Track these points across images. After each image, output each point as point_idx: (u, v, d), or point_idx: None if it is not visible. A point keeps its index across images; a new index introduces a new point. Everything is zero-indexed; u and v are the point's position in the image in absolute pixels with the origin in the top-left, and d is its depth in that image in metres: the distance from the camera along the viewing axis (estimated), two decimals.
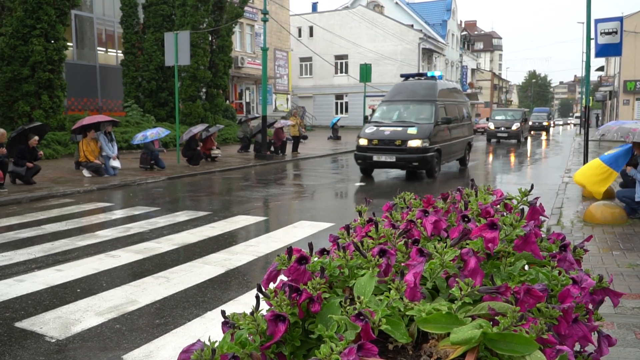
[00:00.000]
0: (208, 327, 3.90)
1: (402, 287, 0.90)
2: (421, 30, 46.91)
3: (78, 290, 4.73)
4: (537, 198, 1.29)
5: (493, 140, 30.28)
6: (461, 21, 71.05)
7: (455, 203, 1.44)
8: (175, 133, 17.15)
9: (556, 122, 73.87)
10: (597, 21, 11.11)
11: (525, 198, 1.27)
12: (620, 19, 11.08)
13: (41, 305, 4.35)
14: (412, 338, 0.85)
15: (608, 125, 8.21)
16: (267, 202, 9.76)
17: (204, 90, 23.93)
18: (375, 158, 12.60)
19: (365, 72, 26.08)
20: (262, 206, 9.38)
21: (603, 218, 6.94)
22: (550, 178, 13.17)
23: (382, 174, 14.55)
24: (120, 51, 23.94)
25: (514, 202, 1.38)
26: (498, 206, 1.43)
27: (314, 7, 49.77)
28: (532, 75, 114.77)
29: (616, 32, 10.78)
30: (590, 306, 1.07)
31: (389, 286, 0.92)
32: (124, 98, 22.83)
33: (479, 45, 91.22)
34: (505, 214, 1.35)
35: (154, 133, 14.09)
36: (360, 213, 1.37)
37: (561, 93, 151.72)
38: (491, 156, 21.03)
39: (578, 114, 66.00)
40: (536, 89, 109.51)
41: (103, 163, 12.50)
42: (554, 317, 0.87)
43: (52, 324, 3.94)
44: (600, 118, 52.97)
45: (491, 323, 0.82)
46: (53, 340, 3.66)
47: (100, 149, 12.57)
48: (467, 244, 1.06)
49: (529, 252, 1.08)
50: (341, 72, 44.88)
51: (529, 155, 22.01)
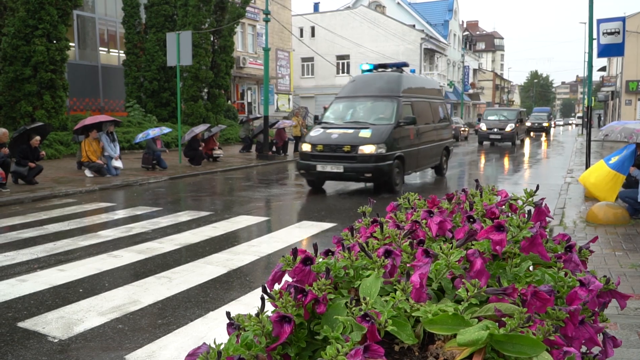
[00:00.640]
0: (210, 327, 3.90)
1: (408, 288, 0.89)
2: (423, 30, 46.90)
3: (80, 290, 4.74)
4: (543, 199, 1.28)
5: (486, 142, 27.91)
6: (463, 21, 71.05)
7: (460, 203, 1.43)
8: (177, 133, 17.17)
9: (557, 123, 73.03)
10: (600, 21, 11.08)
11: (530, 199, 1.26)
12: (622, 19, 11.05)
13: (44, 305, 4.35)
14: (419, 339, 0.85)
15: (612, 125, 8.20)
16: (269, 202, 9.76)
17: (206, 90, 23.95)
18: (319, 168, 10.09)
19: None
20: (264, 206, 9.38)
21: (606, 218, 6.93)
22: (552, 178, 13.15)
23: None
24: (122, 51, 23.96)
25: (519, 203, 1.38)
26: (503, 207, 1.43)
27: (316, 8, 49.77)
28: (534, 75, 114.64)
29: (619, 32, 10.76)
30: (595, 308, 1.06)
31: (395, 287, 0.92)
32: (126, 98, 22.85)
33: (481, 45, 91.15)
34: (510, 215, 1.35)
35: (156, 130, 14.17)
36: (364, 214, 1.37)
37: (563, 93, 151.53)
38: (479, 161, 19.39)
39: (580, 114, 65.80)
40: (538, 89, 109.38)
41: (105, 163, 12.52)
42: (561, 319, 0.86)
43: (55, 324, 3.94)
44: (602, 118, 52.88)
45: (498, 324, 0.82)
46: (55, 340, 3.67)
47: (102, 149, 12.58)
48: (473, 245, 1.05)
49: (535, 254, 1.08)
50: (343, 73, 44.87)
51: (523, 160, 19.27)
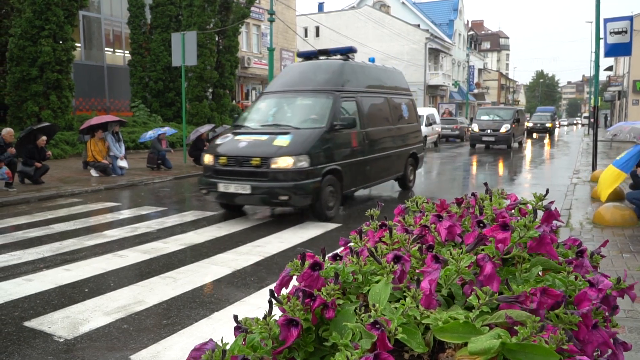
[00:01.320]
0: (215, 328, 3.90)
1: (419, 295, 0.88)
2: (428, 30, 46.80)
3: (86, 290, 4.75)
4: (552, 202, 1.27)
5: (479, 145, 24.89)
6: (468, 21, 70.85)
7: (469, 207, 1.42)
8: (182, 133, 17.19)
9: (561, 123, 71.63)
10: (607, 20, 11.02)
11: (540, 202, 1.25)
12: (630, 18, 10.99)
13: (50, 304, 4.36)
14: (429, 347, 0.84)
15: (620, 125, 8.16)
16: None
17: (211, 90, 23.98)
18: (221, 187, 7.51)
19: None
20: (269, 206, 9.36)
21: (613, 220, 6.88)
22: (558, 179, 13.09)
23: None
24: (127, 51, 24.05)
25: (529, 207, 1.36)
26: (513, 211, 1.41)
27: (320, 7, 49.75)
28: (540, 75, 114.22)
29: (626, 32, 10.69)
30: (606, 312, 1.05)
31: (405, 294, 0.90)
32: (131, 98, 22.92)
33: (486, 45, 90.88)
34: (519, 219, 1.34)
35: (166, 128, 14.29)
36: (372, 217, 1.36)
37: (569, 93, 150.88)
38: (461, 166, 17.42)
39: (586, 114, 65.32)
40: (544, 89, 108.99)
41: (110, 163, 12.55)
42: (574, 323, 0.85)
43: (61, 324, 3.95)
44: (609, 118, 52.57)
45: (509, 332, 0.80)
46: (61, 339, 3.67)
47: (107, 149, 12.61)
48: (483, 250, 1.04)
49: (545, 256, 1.06)
50: None
51: (518, 164, 17.61)
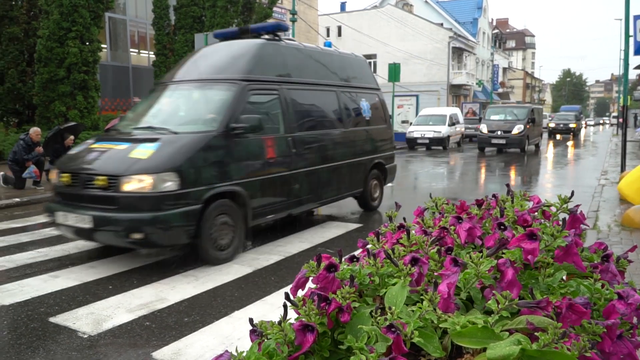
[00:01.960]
0: (235, 327, 3.92)
1: (436, 299, 0.86)
2: (451, 28, 46.31)
3: (110, 287, 4.82)
4: (578, 205, 1.23)
5: (488, 149, 21.81)
6: (492, 19, 69.93)
7: (490, 209, 1.39)
8: None
9: (588, 123, 68.94)
10: (637, 17, 10.75)
11: (565, 205, 1.21)
12: None
13: (74, 301, 4.44)
14: (446, 352, 0.82)
15: None
16: None
17: None
18: (60, 218, 5.45)
19: (393, 72, 25.91)
20: None
21: None
22: (585, 180, 12.81)
23: (419, 167, 14.31)
24: (152, 52, 24.38)
25: (553, 210, 1.32)
26: (536, 213, 1.38)
27: (343, 7, 49.68)
28: (567, 73, 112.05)
29: None
30: (634, 320, 1.01)
31: (422, 297, 0.89)
32: None
33: (511, 43, 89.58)
34: (543, 222, 1.30)
35: None
36: (390, 218, 1.34)
37: (597, 92, 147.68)
38: (458, 174, 15.86)
39: (615, 114, 63.68)
40: (571, 88, 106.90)
41: None
42: (598, 334, 0.82)
43: (85, 320, 4.02)
44: (638, 118, 51.24)
45: (530, 338, 0.78)
46: (85, 336, 3.73)
47: None
48: (504, 254, 1.01)
49: (570, 263, 1.03)
50: None
51: (538, 169, 15.90)
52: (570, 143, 29.73)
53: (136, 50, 24.81)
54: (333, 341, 0.87)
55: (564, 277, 1.09)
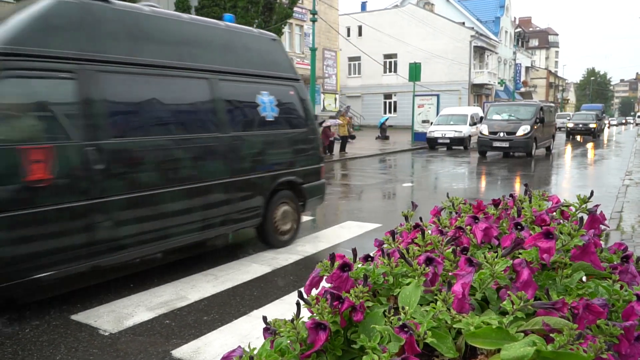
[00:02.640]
0: (254, 325, 3.94)
1: (449, 299, 0.85)
2: (473, 27, 45.87)
3: (131, 285, 4.89)
4: (597, 205, 1.21)
5: (490, 153, 19.51)
6: (515, 18, 69.06)
7: (507, 209, 1.37)
8: None
9: (611, 123, 66.21)
10: None
11: (584, 205, 1.19)
12: None
13: (96, 298, 4.52)
14: (460, 353, 0.81)
15: None
16: None
17: None
18: None
19: (414, 71, 25.76)
20: None
21: None
22: (609, 180, 12.56)
23: (439, 167, 14.23)
24: None
25: (572, 210, 1.30)
26: (554, 214, 1.35)
27: (363, 7, 49.59)
28: (591, 72, 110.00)
29: None
30: None
31: (436, 297, 0.88)
32: None
33: (534, 42, 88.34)
34: (562, 222, 1.28)
35: None
36: (406, 217, 1.33)
37: (622, 91, 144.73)
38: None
39: None
40: (595, 87, 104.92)
41: None
42: (615, 335, 0.80)
43: (106, 317, 4.09)
44: None
45: (545, 340, 0.77)
46: (106, 333, 3.80)
47: None
48: (520, 254, 1.00)
49: (588, 263, 1.01)
50: (390, 72, 44.54)
51: (559, 169, 15.00)
52: (590, 145, 27.16)
53: None
54: (346, 340, 0.87)
55: (584, 279, 1.07)
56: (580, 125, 33.21)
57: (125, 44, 4.79)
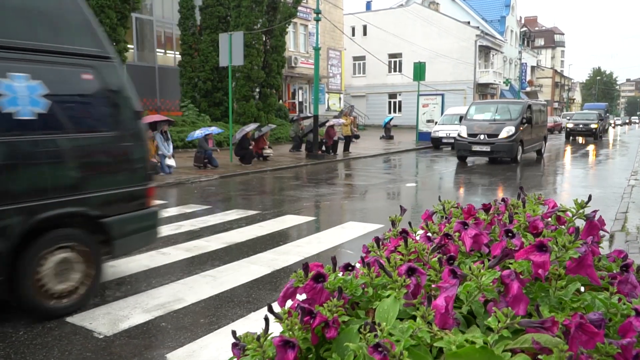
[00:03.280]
0: (251, 329, 3.85)
1: (429, 315, 0.78)
2: (478, 27, 45.65)
3: (128, 286, 4.84)
4: (596, 211, 1.13)
5: (471, 159, 17.36)
6: (521, 17, 68.72)
7: (499, 214, 1.29)
8: (228, 132, 17.47)
9: (616, 122, 64.49)
10: None
11: (581, 210, 1.11)
12: None
13: (92, 300, 4.46)
14: None
15: None
16: (317, 202, 9.71)
17: (258, 90, 24.25)
18: None
19: (418, 71, 25.63)
20: (312, 206, 9.34)
21: None
22: (614, 180, 12.42)
23: (443, 167, 14.10)
24: (177, 52, 24.66)
25: (569, 215, 1.22)
26: (549, 219, 1.28)
27: (368, 6, 49.47)
28: (597, 72, 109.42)
29: None
30: None
31: (414, 313, 0.81)
32: (181, 98, 23.48)
33: (540, 41, 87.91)
34: (558, 228, 1.20)
35: (213, 128, 14.58)
36: (393, 223, 1.26)
37: (628, 91, 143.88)
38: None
39: None
40: (601, 87, 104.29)
41: (159, 162, 12.87)
42: (611, 355, 0.73)
43: (101, 320, 4.03)
44: None
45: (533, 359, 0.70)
46: (101, 336, 3.74)
47: (156, 148, 12.94)
48: (511, 264, 0.93)
49: (584, 276, 0.94)
50: (395, 71, 44.40)
51: (565, 168, 14.89)
52: (591, 147, 24.90)
53: (162, 50, 25.13)
54: (318, 359, 0.81)
55: (582, 289, 1.00)
56: (580, 125, 31.03)
57: None
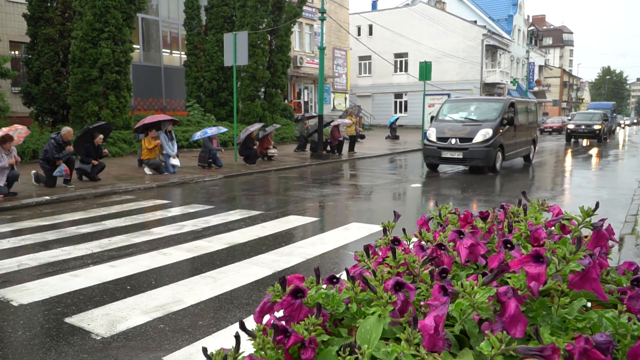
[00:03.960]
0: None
1: (414, 339, 0.71)
2: (485, 26, 45.39)
3: (128, 287, 4.79)
4: (604, 220, 1.04)
5: (443, 166, 14.86)
6: (529, 16, 68.29)
7: (499, 223, 1.21)
8: (232, 132, 17.42)
9: (625, 123, 62.67)
10: None
11: (588, 219, 1.03)
12: None
13: (92, 301, 4.42)
14: None
15: None
16: (321, 202, 9.64)
17: (263, 89, 24.21)
18: None
19: (424, 71, 25.47)
20: (315, 206, 9.26)
21: None
22: (624, 182, 12.26)
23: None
24: (183, 52, 24.66)
25: (575, 224, 1.13)
26: (553, 228, 1.19)
27: (374, 6, 49.31)
28: (606, 71, 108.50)
29: None
30: None
31: (398, 335, 0.73)
32: (186, 98, 23.49)
33: (548, 40, 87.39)
34: (562, 237, 1.12)
35: (214, 129, 14.46)
36: (385, 230, 1.18)
37: (638, 90, 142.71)
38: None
39: None
40: (610, 86, 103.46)
41: (163, 161, 12.84)
42: None
43: (100, 321, 3.98)
44: None
45: None
46: (98, 337, 3.69)
47: (160, 147, 12.91)
48: (509, 278, 0.85)
49: (589, 291, 0.85)
50: (401, 71, 44.23)
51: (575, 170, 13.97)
52: (594, 151, 22.44)
53: (168, 50, 25.14)
54: None
55: (589, 304, 0.92)
56: (582, 126, 28.27)
57: None
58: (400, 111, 44.13)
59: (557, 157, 19.71)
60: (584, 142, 28.80)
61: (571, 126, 29.03)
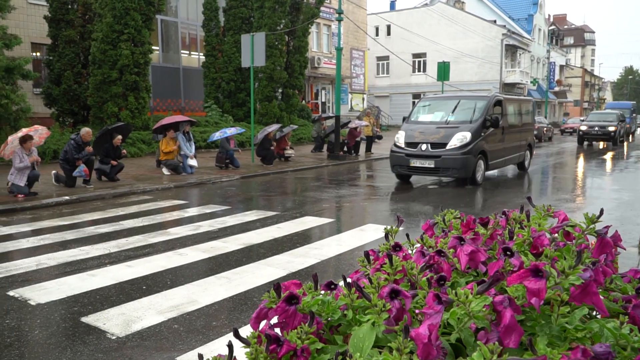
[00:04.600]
0: None
1: (405, 349, 0.70)
2: (505, 25, 44.90)
3: (144, 287, 4.84)
4: (608, 227, 1.02)
5: (415, 177, 12.52)
6: (549, 15, 67.39)
7: (501, 229, 1.19)
8: (250, 133, 17.51)
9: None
10: None
11: (592, 226, 1.00)
12: None
13: (108, 300, 4.48)
14: None
15: None
16: (337, 203, 9.63)
17: (280, 90, 24.29)
18: None
19: (443, 71, 25.29)
20: (331, 207, 9.26)
21: None
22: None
23: None
24: (202, 54, 24.87)
25: (579, 231, 1.11)
26: (556, 234, 1.17)
27: (392, 6, 49.12)
28: (629, 71, 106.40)
29: None
30: None
31: (390, 344, 0.73)
32: (205, 99, 23.68)
33: (569, 40, 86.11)
34: (566, 244, 1.09)
35: (233, 130, 14.57)
36: (386, 235, 1.17)
37: None
38: None
39: None
40: (633, 86, 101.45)
41: (181, 162, 12.96)
42: None
43: (115, 321, 4.03)
44: None
45: None
46: (113, 337, 3.74)
47: (178, 148, 13.04)
48: (507, 287, 0.83)
49: (590, 304, 0.83)
50: (419, 71, 43.99)
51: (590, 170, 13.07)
52: (609, 156, 20.41)
53: (187, 51, 25.39)
54: None
55: (594, 312, 0.90)
56: (596, 128, 25.80)
57: None
58: None
59: (561, 164, 17.62)
60: (600, 145, 26.64)
61: (583, 127, 26.41)
